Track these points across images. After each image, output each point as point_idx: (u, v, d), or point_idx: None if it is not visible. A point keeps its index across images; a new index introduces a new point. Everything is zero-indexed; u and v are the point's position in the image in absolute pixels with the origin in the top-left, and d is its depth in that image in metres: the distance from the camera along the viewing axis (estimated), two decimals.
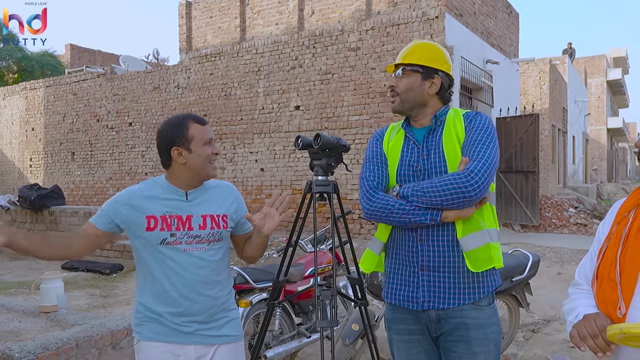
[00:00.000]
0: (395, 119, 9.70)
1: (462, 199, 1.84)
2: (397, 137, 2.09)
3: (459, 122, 2.01)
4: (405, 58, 2.07)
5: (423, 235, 1.93)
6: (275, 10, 11.35)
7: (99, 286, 6.24)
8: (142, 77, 13.41)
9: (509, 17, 13.10)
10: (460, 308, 1.92)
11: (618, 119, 39.53)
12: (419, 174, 1.98)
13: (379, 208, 1.93)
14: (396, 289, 2.00)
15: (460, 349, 1.93)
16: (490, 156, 1.89)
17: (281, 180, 11.07)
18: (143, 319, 2.00)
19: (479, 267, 1.91)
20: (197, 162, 1.98)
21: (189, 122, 2.00)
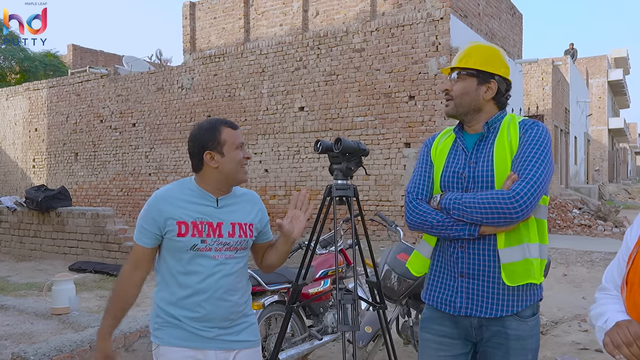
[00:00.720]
0: (400, 121, 9.71)
1: (504, 220, 1.82)
2: (446, 142, 2.06)
3: (514, 131, 1.95)
4: (461, 61, 2.00)
5: (464, 243, 1.92)
6: (279, 11, 11.36)
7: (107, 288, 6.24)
8: (146, 77, 13.42)
9: (513, 18, 13.11)
10: (501, 319, 1.91)
11: (619, 119, 39.55)
12: (463, 181, 1.95)
13: (421, 222, 1.96)
14: (437, 292, 2.01)
15: (498, 356, 1.93)
16: (540, 175, 1.83)
17: (285, 182, 11.08)
18: (162, 324, 1.99)
19: (514, 280, 1.87)
20: (229, 166, 1.98)
21: (221, 126, 2.01)
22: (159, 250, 2.03)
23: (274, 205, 11.14)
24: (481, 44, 2.06)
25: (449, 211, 1.89)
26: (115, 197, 13.99)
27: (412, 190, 2.03)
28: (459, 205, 1.86)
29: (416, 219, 1.96)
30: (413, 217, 1.97)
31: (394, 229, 3.95)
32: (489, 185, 1.90)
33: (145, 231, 1.98)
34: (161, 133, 13.10)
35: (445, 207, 1.90)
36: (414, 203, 1.99)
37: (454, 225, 1.88)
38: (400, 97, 9.74)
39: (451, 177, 1.96)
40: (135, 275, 2.00)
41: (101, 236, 7.76)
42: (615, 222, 11.81)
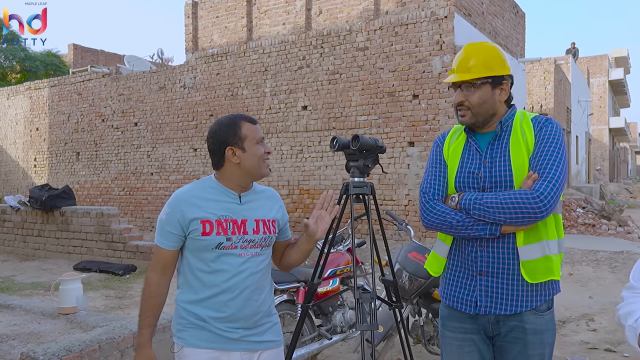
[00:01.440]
0: (404, 120, 9.68)
1: (528, 220, 1.82)
2: (457, 142, 2.06)
3: (528, 128, 1.95)
4: (466, 69, 1.97)
5: (483, 242, 1.92)
6: (282, 10, 11.33)
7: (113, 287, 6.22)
8: (148, 77, 13.38)
9: (516, 17, 13.08)
10: (519, 314, 1.91)
11: (620, 118, 39.56)
12: (479, 181, 1.94)
13: (439, 222, 1.94)
14: (454, 291, 2.01)
15: (515, 350, 1.94)
16: (560, 174, 1.84)
17: (288, 181, 11.05)
18: (186, 325, 1.95)
19: (535, 277, 1.88)
20: (251, 161, 1.96)
21: (240, 121, 2.00)
22: (181, 251, 1.99)
23: None
24: (479, 44, 2.04)
25: (469, 211, 1.88)
26: (117, 196, 13.96)
27: (427, 190, 2.01)
28: (479, 205, 1.86)
29: (434, 219, 1.95)
30: (431, 217, 1.96)
31: (404, 227, 3.92)
32: (507, 184, 1.89)
33: (169, 234, 1.94)
34: (163, 132, 13.07)
35: (465, 207, 1.89)
36: (432, 203, 1.97)
37: (474, 225, 1.88)
38: (404, 96, 9.71)
39: (466, 178, 1.96)
40: (163, 280, 1.97)
41: (106, 235, 7.73)
42: (619, 222, 11.79)
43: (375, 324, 2.19)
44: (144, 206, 13.39)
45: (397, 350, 4.44)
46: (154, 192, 13.23)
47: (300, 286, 3.90)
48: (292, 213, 10.92)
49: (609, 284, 6.96)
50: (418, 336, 3.93)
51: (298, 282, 3.90)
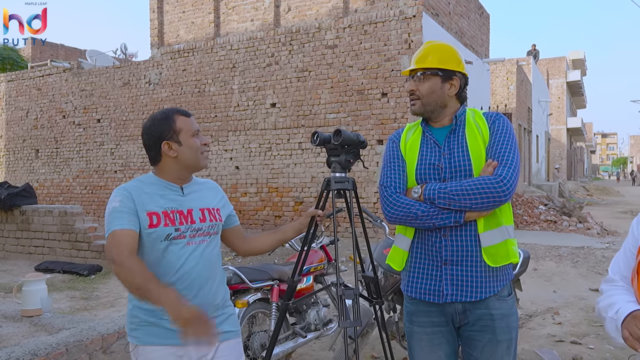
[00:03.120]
0: (373, 118, 9.73)
1: (493, 203, 1.91)
2: (414, 137, 2.12)
3: (482, 123, 2.06)
4: (422, 62, 2.08)
5: (447, 231, 1.98)
6: (250, 6, 11.22)
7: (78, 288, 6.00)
8: (111, 72, 13.05)
9: (481, 18, 13.34)
10: (484, 300, 1.98)
11: (577, 119, 40.92)
12: (440, 172, 2.01)
13: (404, 214, 1.98)
14: (420, 283, 2.04)
15: (485, 338, 1.99)
16: (516, 161, 1.95)
17: (257, 179, 10.96)
18: (140, 323, 1.91)
19: (496, 262, 1.96)
20: (188, 153, 1.97)
21: (174, 115, 1.98)
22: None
23: (245, 202, 11.01)
24: (437, 43, 2.14)
25: (434, 201, 1.94)
26: (79, 195, 13.56)
27: (388, 184, 2.05)
28: (444, 193, 1.92)
29: (399, 212, 1.99)
30: (395, 210, 1.99)
31: (379, 224, 3.93)
32: (467, 173, 1.98)
33: (128, 215, 1.86)
34: (127, 129, 12.76)
35: (430, 197, 1.95)
36: (395, 196, 2.01)
37: (439, 214, 1.94)
38: (372, 94, 9.77)
39: (427, 169, 2.02)
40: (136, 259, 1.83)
41: (69, 235, 7.47)
42: (579, 218, 12.18)
43: (359, 320, 2.18)
44: None
45: (371, 347, 4.46)
46: None
47: (275, 284, 3.85)
48: (260, 211, 10.84)
49: (572, 279, 7.16)
50: (393, 332, 3.94)
51: (272, 280, 3.86)
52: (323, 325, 4.07)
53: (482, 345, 2.00)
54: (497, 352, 2.00)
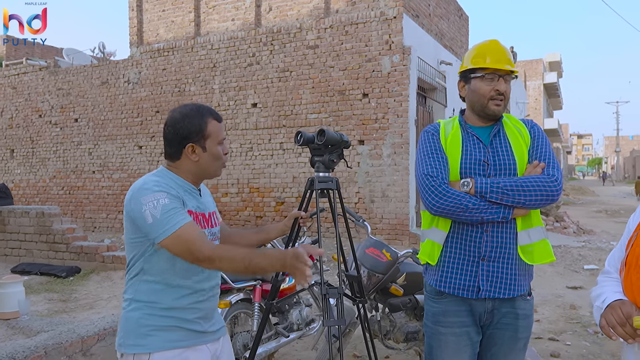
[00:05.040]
0: (354, 118, 9.77)
1: (547, 201, 1.98)
2: (454, 132, 2.12)
3: (521, 127, 2.13)
4: (508, 62, 2.07)
5: (488, 227, 1.99)
6: (231, 5, 11.16)
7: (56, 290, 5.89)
8: (89, 71, 12.86)
9: (460, 20, 13.49)
10: (512, 299, 2.03)
11: (553, 120, 41.63)
12: (485, 168, 2.03)
13: (454, 205, 1.96)
14: (454, 278, 2.04)
15: (507, 335, 2.05)
16: (559, 165, 2.06)
17: (238, 179, 10.91)
18: (155, 329, 1.79)
19: (534, 260, 2.02)
20: (209, 161, 1.87)
21: (207, 117, 1.86)
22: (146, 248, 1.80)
23: (226, 203, 10.95)
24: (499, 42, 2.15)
25: (485, 195, 1.95)
26: (55, 195, 13.33)
27: (435, 174, 2.01)
28: (498, 188, 1.95)
29: (448, 203, 1.95)
30: (445, 201, 1.96)
31: (361, 224, 3.94)
32: (511, 172, 2.02)
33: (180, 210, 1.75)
34: (106, 129, 12.59)
35: (482, 191, 1.95)
36: (445, 187, 1.98)
37: (489, 208, 1.95)
38: (354, 94, 9.80)
39: (473, 164, 2.03)
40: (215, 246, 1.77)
41: (47, 236, 7.33)
42: (556, 217, 12.39)
43: (342, 319, 2.19)
44: (85, 206, 12.85)
45: (353, 346, 4.48)
46: (96, 191, 12.73)
47: (257, 284, 3.85)
48: (241, 211, 10.79)
49: (549, 277, 7.29)
50: (375, 331, 3.96)
51: (255, 280, 3.86)
52: (305, 325, 4.08)
53: (502, 342, 2.06)
54: (515, 349, 2.07)
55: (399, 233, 9.31)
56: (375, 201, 9.57)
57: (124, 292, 1.89)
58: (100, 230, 12.49)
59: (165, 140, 1.88)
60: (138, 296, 1.81)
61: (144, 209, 1.71)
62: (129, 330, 1.80)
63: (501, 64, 2.05)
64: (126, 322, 1.81)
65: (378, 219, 9.51)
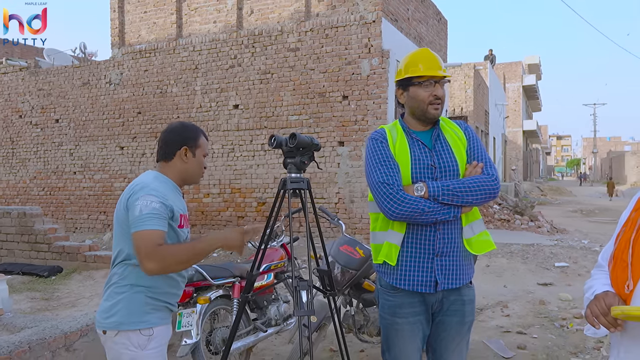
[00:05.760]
0: (334, 120, 9.95)
1: (489, 198, 2.18)
2: (400, 139, 2.25)
3: (456, 129, 2.31)
4: (440, 68, 2.24)
5: (439, 226, 2.17)
6: (213, 8, 11.27)
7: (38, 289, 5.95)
8: (70, 71, 12.85)
9: (439, 24, 13.75)
10: (459, 288, 2.23)
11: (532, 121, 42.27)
12: (433, 171, 2.19)
13: (411, 210, 2.10)
14: (412, 276, 2.20)
15: (455, 320, 2.25)
16: (493, 162, 2.24)
17: (219, 180, 11.02)
18: (152, 308, 2.10)
19: (479, 250, 2.23)
20: (195, 166, 2.23)
21: (200, 133, 2.28)
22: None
23: (207, 203, 11.05)
24: (427, 49, 2.33)
25: (438, 197, 2.12)
26: (36, 196, 13.28)
27: (390, 181, 2.13)
28: (448, 191, 2.12)
29: (406, 208, 2.09)
30: (402, 207, 2.09)
31: (336, 222, 4.11)
32: (455, 173, 2.20)
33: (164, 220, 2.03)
34: (87, 130, 12.59)
35: (434, 194, 2.12)
36: (401, 193, 2.11)
37: (442, 209, 2.12)
38: (334, 96, 9.98)
39: (423, 169, 2.19)
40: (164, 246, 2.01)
41: (29, 236, 7.37)
42: (531, 217, 12.73)
43: (311, 309, 2.35)
44: (66, 206, 12.83)
45: (329, 341, 4.64)
46: (77, 192, 12.72)
47: (236, 281, 3.99)
48: (223, 212, 10.90)
49: (521, 274, 7.54)
50: (349, 325, 4.13)
51: (234, 277, 3.99)
52: (283, 321, 4.23)
53: (451, 327, 2.26)
54: (462, 332, 2.28)
55: None
56: (355, 201, 9.76)
57: (122, 278, 2.12)
58: (81, 231, 12.49)
59: (162, 142, 2.21)
60: (140, 282, 2.09)
61: (137, 203, 2.01)
62: (134, 310, 2.07)
63: (435, 70, 2.22)
64: (130, 303, 2.07)
65: (357, 218, 9.71)
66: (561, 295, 6.29)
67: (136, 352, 2.05)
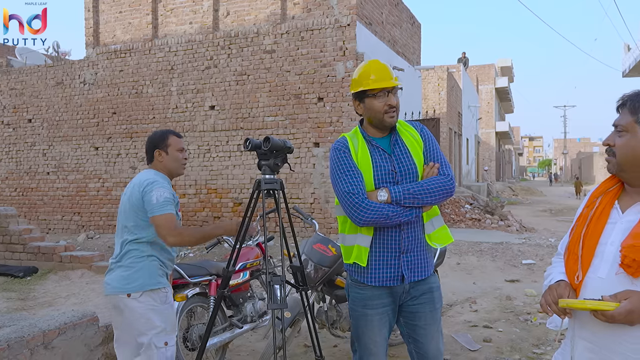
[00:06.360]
0: (309, 121, 10.10)
1: (446, 197, 2.34)
2: (362, 147, 2.39)
3: (413, 131, 2.45)
4: (392, 78, 2.37)
5: (404, 226, 2.34)
6: (189, 9, 11.31)
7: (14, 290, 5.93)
8: (44, 71, 12.72)
9: (412, 27, 14.02)
10: (427, 277, 2.42)
11: (505, 123, 43.14)
12: (394, 176, 2.34)
13: (377, 216, 2.24)
14: (381, 273, 2.37)
15: (428, 308, 2.42)
16: (448, 161, 2.43)
17: (195, 180, 11.06)
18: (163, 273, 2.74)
19: (441, 243, 2.42)
20: (170, 162, 2.82)
21: (169, 134, 2.86)
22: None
23: (183, 203, 11.08)
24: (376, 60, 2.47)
25: (400, 201, 2.27)
26: (8, 197, 13.10)
27: (355, 191, 2.27)
28: (409, 195, 2.28)
29: (372, 215, 2.24)
30: (369, 214, 2.24)
31: (310, 221, 4.26)
32: (414, 175, 2.36)
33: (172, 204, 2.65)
34: (61, 130, 12.48)
35: (397, 199, 2.27)
36: (366, 202, 2.25)
37: (404, 212, 2.28)
38: (309, 98, 10.13)
39: (385, 175, 2.34)
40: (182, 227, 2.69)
41: (3, 237, 7.31)
42: (501, 216, 13.08)
43: (285, 303, 2.49)
44: (39, 207, 12.70)
45: (304, 337, 4.78)
46: (51, 193, 12.60)
47: (213, 279, 4.09)
48: (199, 212, 10.95)
49: (490, 271, 7.80)
50: (322, 321, 4.27)
51: (210, 275, 4.10)
52: (259, 317, 4.35)
53: (425, 315, 2.42)
54: (435, 317, 2.45)
55: None
56: (330, 201, 9.93)
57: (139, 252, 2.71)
58: (55, 232, 12.37)
59: (145, 150, 2.85)
60: (154, 253, 2.71)
61: (153, 193, 2.61)
62: (152, 274, 2.68)
63: (387, 81, 2.34)
64: (149, 269, 2.68)
65: (333, 218, 9.87)
66: (527, 291, 6.55)
67: (160, 306, 2.66)
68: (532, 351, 4.56)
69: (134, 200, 2.65)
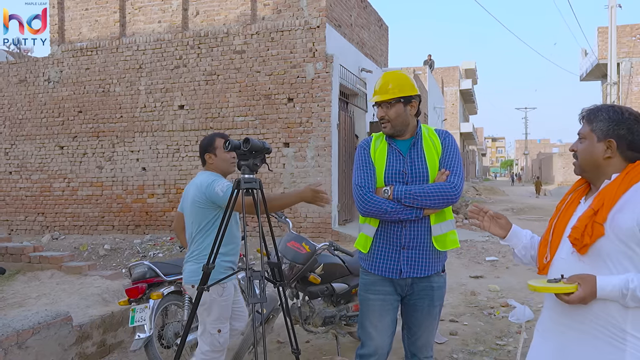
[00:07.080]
0: (279, 122, 10.19)
1: (447, 203, 2.48)
2: (381, 147, 2.62)
3: (435, 138, 2.61)
4: (385, 92, 2.57)
5: (406, 223, 2.51)
6: (157, 7, 11.23)
7: None
8: (5, 68, 12.40)
9: (380, 30, 14.27)
10: (428, 276, 2.57)
11: (469, 124, 44.12)
12: (404, 176, 2.53)
13: (376, 209, 2.49)
14: (381, 263, 2.57)
15: (425, 303, 2.60)
16: (462, 170, 2.56)
17: (164, 180, 11.00)
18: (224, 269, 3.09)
19: (444, 247, 2.54)
20: (220, 163, 3.21)
21: (216, 137, 3.21)
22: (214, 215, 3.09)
23: (152, 203, 11.01)
24: (394, 72, 2.66)
25: (400, 200, 2.46)
26: None
27: (363, 184, 2.54)
28: (409, 195, 2.45)
29: (372, 207, 2.49)
30: (369, 206, 2.50)
31: (283, 220, 4.36)
32: (424, 179, 2.53)
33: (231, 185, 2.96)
34: (24, 128, 12.20)
35: (397, 197, 2.47)
36: (369, 195, 2.51)
37: (404, 210, 2.46)
38: (279, 99, 10.22)
39: (394, 174, 2.55)
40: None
41: None
42: (465, 215, 13.45)
43: (264, 297, 2.60)
44: (2, 208, 12.37)
45: (277, 333, 4.88)
46: (13, 193, 12.29)
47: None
48: (168, 212, 10.90)
49: (455, 268, 8.05)
50: (296, 317, 4.38)
51: None
52: None
53: (422, 309, 2.60)
54: (432, 313, 2.61)
55: (322, 231, 9.84)
56: None
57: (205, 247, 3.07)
58: (18, 233, 12.09)
59: (199, 156, 3.28)
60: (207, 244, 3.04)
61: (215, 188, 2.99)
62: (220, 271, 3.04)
63: (378, 95, 2.59)
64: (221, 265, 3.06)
65: (302, 217, 9.99)
66: (490, 287, 6.82)
67: (216, 298, 3.05)
68: (496, 342, 4.79)
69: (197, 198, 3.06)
